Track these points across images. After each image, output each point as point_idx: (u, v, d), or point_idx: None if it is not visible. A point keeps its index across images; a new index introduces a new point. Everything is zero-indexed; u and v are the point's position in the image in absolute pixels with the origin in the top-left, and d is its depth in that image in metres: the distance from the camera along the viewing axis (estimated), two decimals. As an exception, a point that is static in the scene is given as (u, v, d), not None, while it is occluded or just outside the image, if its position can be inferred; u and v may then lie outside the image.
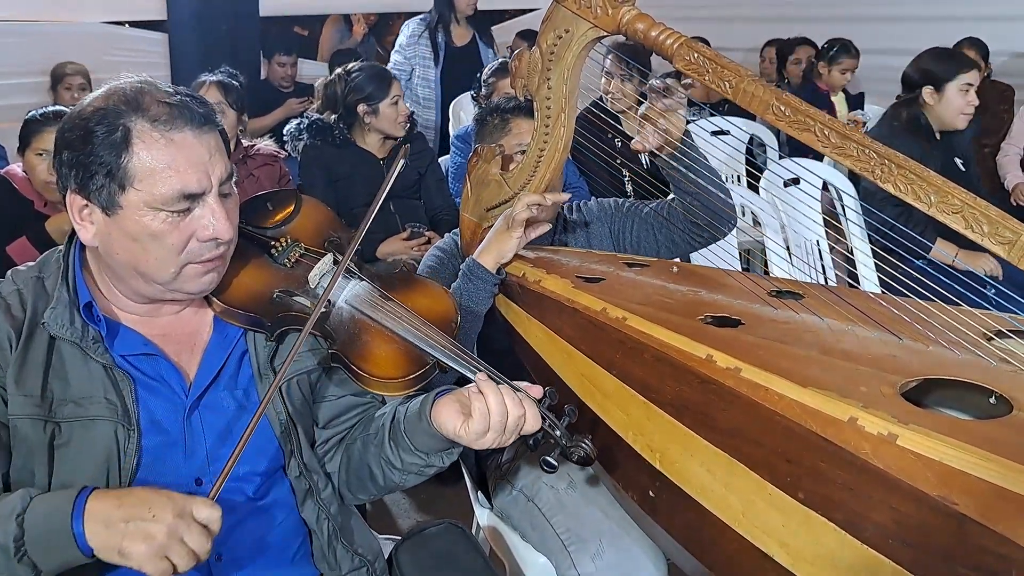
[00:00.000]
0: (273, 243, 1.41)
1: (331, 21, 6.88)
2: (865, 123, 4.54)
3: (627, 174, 3.12)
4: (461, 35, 4.84)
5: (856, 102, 5.18)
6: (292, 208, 1.46)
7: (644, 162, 3.08)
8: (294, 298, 1.32)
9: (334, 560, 1.37)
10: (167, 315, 1.30)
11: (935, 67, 3.06)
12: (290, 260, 1.39)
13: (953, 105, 3.03)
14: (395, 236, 3.19)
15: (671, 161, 1.78)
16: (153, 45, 5.39)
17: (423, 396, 1.34)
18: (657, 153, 1.78)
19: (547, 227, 1.77)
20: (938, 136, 3.14)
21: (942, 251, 2.79)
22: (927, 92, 3.04)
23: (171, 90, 1.21)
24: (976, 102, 3.08)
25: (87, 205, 1.19)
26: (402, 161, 1.33)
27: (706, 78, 1.41)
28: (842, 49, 4.90)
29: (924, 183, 1.23)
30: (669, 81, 1.87)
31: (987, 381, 1.18)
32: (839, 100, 5.07)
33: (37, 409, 1.18)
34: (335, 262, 1.37)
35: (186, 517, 1.06)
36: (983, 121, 4.76)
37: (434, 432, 1.29)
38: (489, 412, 1.23)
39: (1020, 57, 5.11)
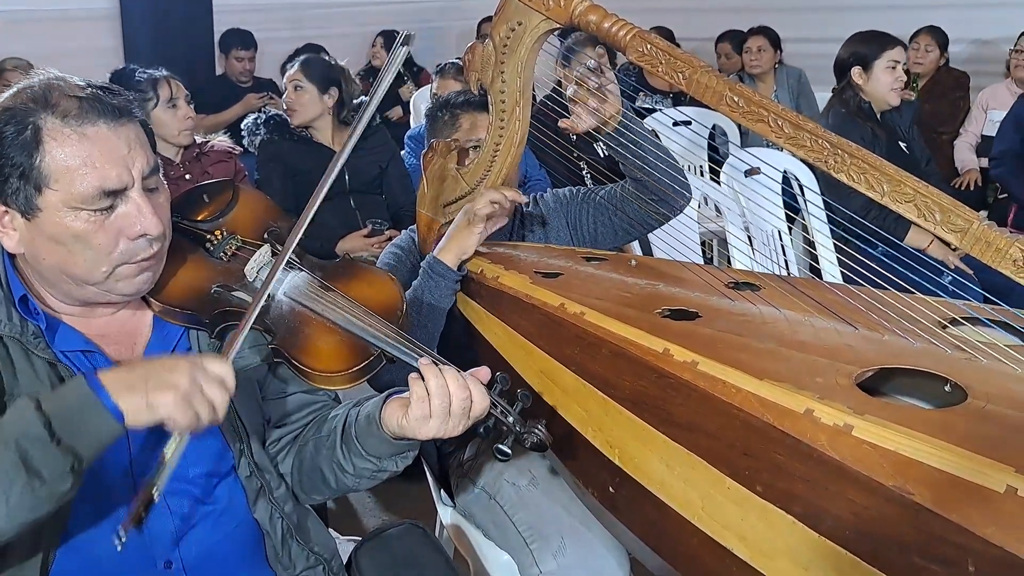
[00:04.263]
0: (208, 236, 1.36)
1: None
2: None
3: (584, 166, 3.10)
4: None
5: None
6: (228, 199, 1.41)
7: (600, 152, 3.07)
8: (232, 293, 1.28)
9: (288, 559, 1.34)
10: (103, 316, 1.26)
11: (861, 48, 3.12)
12: (227, 253, 1.35)
13: (882, 82, 3.09)
14: (355, 233, 3.15)
15: (612, 141, 1.77)
16: (107, 33, 5.21)
17: (375, 399, 1.32)
18: (597, 135, 1.76)
19: (505, 221, 1.75)
20: (879, 118, 3.19)
21: (915, 239, 2.86)
22: (856, 72, 3.10)
23: (83, 83, 1.16)
24: (904, 78, 3.15)
25: (7, 211, 1.15)
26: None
27: (660, 69, 1.40)
28: None
29: (877, 172, 1.23)
30: (594, 63, 1.84)
31: (942, 369, 1.18)
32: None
33: None
34: (273, 254, 1.32)
35: (202, 369, 1.08)
36: (941, 108, 4.82)
37: (384, 436, 1.27)
38: (429, 395, 1.19)
39: (978, 43, 5.18)
